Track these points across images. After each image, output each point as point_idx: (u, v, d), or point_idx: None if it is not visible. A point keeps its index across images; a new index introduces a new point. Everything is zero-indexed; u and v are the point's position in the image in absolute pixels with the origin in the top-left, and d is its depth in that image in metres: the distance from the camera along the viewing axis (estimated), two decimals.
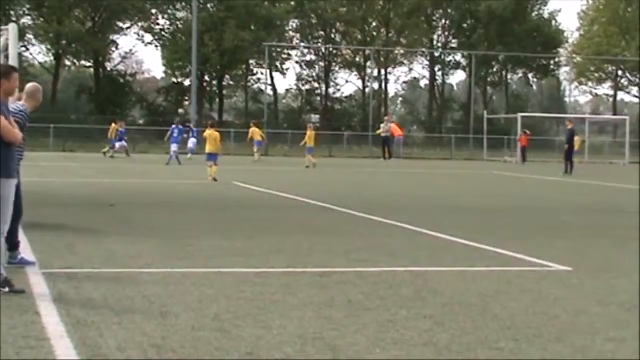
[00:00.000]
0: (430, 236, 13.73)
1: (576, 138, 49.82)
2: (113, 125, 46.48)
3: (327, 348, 6.42)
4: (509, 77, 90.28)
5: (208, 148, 27.83)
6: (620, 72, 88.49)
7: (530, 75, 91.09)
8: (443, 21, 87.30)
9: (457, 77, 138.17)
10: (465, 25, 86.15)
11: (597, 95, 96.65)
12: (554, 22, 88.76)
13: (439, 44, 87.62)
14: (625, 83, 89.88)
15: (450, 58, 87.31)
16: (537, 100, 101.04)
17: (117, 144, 45.41)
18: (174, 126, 42.17)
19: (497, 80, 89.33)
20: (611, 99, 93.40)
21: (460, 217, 17.53)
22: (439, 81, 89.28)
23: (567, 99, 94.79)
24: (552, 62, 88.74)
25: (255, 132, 45.22)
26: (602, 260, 11.46)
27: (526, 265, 10.87)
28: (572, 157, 39.60)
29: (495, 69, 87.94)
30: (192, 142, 45.09)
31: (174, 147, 40.00)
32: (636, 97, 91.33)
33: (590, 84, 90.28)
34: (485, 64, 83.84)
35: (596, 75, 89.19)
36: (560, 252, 11.94)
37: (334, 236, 13.47)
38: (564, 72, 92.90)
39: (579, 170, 40.57)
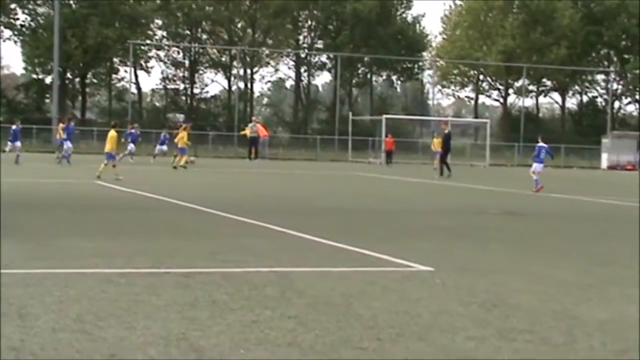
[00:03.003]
0: (295, 237, 13.76)
1: (436, 140, 50.77)
2: (61, 125, 42.68)
3: (190, 349, 6.37)
4: (373, 79, 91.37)
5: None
6: (481, 76, 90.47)
7: (394, 78, 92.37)
8: (309, 22, 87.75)
9: (323, 78, 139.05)
10: (330, 27, 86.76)
11: (459, 98, 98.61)
12: (417, 25, 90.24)
13: (305, 45, 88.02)
14: (486, 87, 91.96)
15: (316, 59, 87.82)
16: (401, 102, 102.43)
17: (130, 147, 41.70)
18: (71, 125, 40.90)
19: (362, 81, 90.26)
20: (473, 102, 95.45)
21: (325, 218, 17.64)
22: (305, 82, 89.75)
23: (430, 102, 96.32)
24: (416, 65, 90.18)
25: (182, 138, 43.37)
26: (463, 260, 11.67)
27: (390, 265, 11.00)
28: (447, 160, 40.18)
29: (360, 71, 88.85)
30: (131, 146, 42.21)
31: (67, 145, 38.94)
32: (496, 100, 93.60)
33: (452, 87, 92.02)
34: (351, 66, 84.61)
35: (458, 78, 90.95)
36: (422, 253, 12.12)
37: (199, 237, 13.38)
38: (427, 75, 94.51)
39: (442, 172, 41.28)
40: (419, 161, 60.51)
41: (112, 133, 28.85)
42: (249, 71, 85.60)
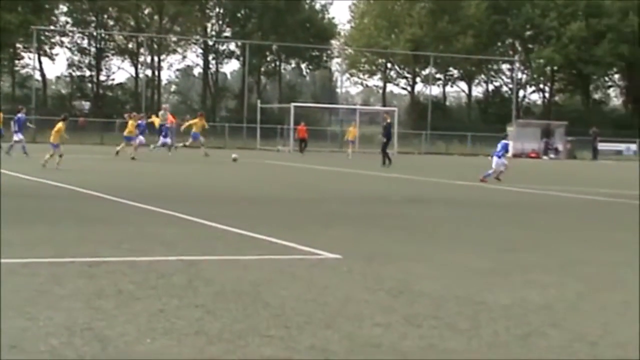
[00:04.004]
0: (203, 225, 13.69)
1: (351, 128, 51.06)
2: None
3: (95, 339, 6.29)
4: (282, 67, 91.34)
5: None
6: (389, 65, 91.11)
7: (303, 66, 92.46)
8: (217, 9, 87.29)
9: (231, 66, 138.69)
10: (239, 15, 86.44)
11: (367, 86, 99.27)
12: (326, 13, 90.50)
13: (213, 33, 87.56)
14: (394, 75, 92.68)
15: (224, 47, 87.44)
16: (309, 90, 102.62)
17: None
18: (20, 115, 38.99)
19: (271, 70, 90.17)
20: (381, 90, 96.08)
21: (233, 206, 17.59)
22: (213, 70, 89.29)
23: (338, 90, 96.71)
24: (324, 53, 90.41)
25: (197, 125, 43.20)
26: (370, 248, 11.74)
27: (298, 253, 11.01)
28: (387, 149, 40.24)
29: (269, 59, 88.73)
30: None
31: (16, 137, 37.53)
32: (404, 89, 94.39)
33: (361, 75, 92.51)
34: (259, 54, 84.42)
35: (367, 67, 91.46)
36: (330, 241, 12.16)
37: (105, 225, 13.22)
38: (336, 63, 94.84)
39: (353, 160, 41.52)
40: (328, 149, 60.75)
41: (60, 125, 29.00)
42: (156, 58, 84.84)
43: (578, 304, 8.29)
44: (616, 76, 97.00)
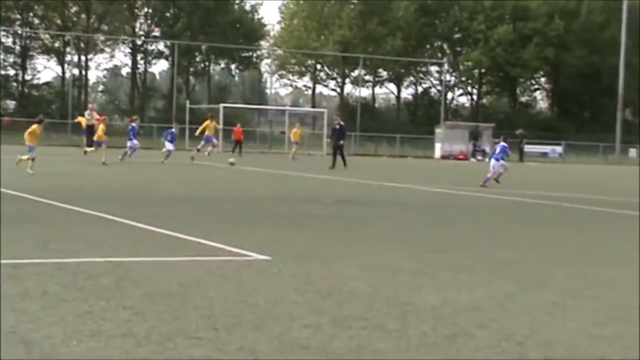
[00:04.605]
0: (131, 226, 13.56)
1: (295, 129, 50.87)
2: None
3: (20, 342, 6.18)
4: (211, 67, 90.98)
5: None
6: (319, 66, 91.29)
7: (232, 66, 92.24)
8: (145, 9, 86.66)
9: (160, 66, 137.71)
10: (168, 14, 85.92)
11: (297, 87, 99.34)
12: (256, 14, 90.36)
13: (141, 32, 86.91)
14: (324, 76, 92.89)
15: (153, 47, 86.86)
16: (239, 91, 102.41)
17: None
18: None
19: (200, 70, 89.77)
20: (310, 92, 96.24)
21: (162, 207, 17.46)
22: (141, 69, 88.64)
23: (268, 91, 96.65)
24: (254, 54, 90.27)
25: (209, 127, 42.57)
26: (299, 249, 11.73)
27: (227, 254, 10.96)
28: (343, 151, 39.87)
29: (198, 59, 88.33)
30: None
31: None
32: (334, 90, 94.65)
33: (290, 76, 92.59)
34: (188, 54, 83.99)
35: (296, 68, 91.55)
36: (260, 242, 12.13)
37: (30, 226, 13.02)
38: (265, 64, 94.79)
39: (293, 162, 41.49)
40: (257, 150, 60.66)
41: (35, 127, 28.68)
42: (83, 58, 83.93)
43: (506, 304, 8.37)
44: (542, 79, 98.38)
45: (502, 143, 30.58)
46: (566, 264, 11.41)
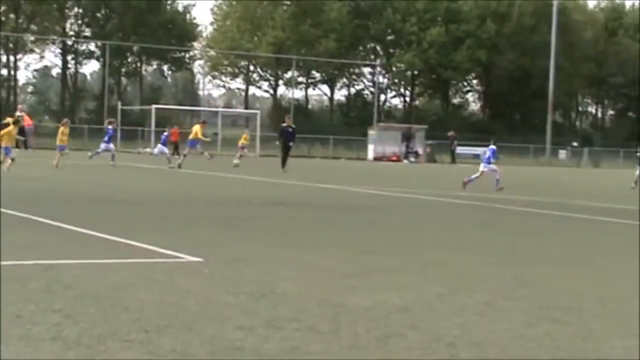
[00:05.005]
0: (61, 228, 13.40)
1: (245, 135, 49.87)
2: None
3: None
4: (143, 68, 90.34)
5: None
6: (252, 67, 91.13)
7: (165, 67, 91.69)
8: (76, 9, 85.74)
9: (91, 67, 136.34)
10: (99, 15, 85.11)
11: (230, 89, 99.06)
12: (188, 15, 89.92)
13: (72, 33, 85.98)
14: (257, 78, 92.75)
15: (84, 47, 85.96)
16: (171, 92, 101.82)
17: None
18: None
19: (132, 71, 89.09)
20: (243, 93, 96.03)
21: (92, 209, 17.29)
22: (72, 70, 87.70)
23: (201, 92, 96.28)
24: (186, 55, 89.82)
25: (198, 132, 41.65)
26: (232, 250, 11.69)
27: (158, 256, 10.88)
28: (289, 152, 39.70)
29: (129, 60, 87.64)
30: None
31: None
32: (267, 91, 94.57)
33: (223, 77, 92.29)
34: (120, 55, 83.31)
35: (229, 69, 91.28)
36: (192, 243, 12.06)
37: None
38: (198, 65, 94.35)
39: (212, 163, 41.34)
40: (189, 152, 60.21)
41: (10, 128, 28.97)
42: (12, 58, 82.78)
43: (437, 305, 8.42)
44: (474, 81, 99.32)
45: (492, 146, 30.69)
46: (497, 265, 11.53)
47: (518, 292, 9.40)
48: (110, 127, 38.83)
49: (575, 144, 79.71)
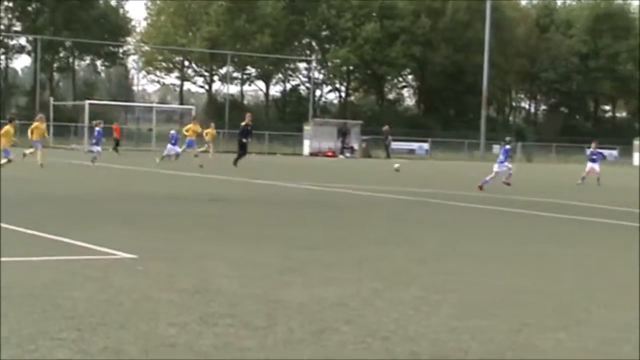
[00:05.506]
0: None
1: (209, 130, 48.89)
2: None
3: None
4: (76, 63, 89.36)
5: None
6: (186, 63, 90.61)
7: (98, 63, 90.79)
8: (6, 3, 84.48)
9: (22, 62, 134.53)
10: (30, 9, 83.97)
11: (164, 84, 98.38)
12: (121, 10, 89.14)
13: (2, 27, 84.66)
14: (192, 73, 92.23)
15: (14, 42, 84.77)
16: (105, 87, 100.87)
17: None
18: None
19: (64, 66, 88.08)
20: (178, 89, 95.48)
21: (24, 206, 17.07)
22: (2, 65, 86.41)
23: (135, 88, 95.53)
24: (120, 50, 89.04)
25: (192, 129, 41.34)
26: (166, 247, 11.62)
27: (92, 254, 10.78)
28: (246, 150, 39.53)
29: (62, 55, 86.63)
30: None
31: None
32: (202, 87, 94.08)
33: (158, 73, 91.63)
34: (52, 49, 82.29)
35: (164, 64, 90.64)
36: (126, 240, 11.97)
37: None
38: (132, 61, 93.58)
39: (147, 159, 41.05)
40: (124, 148, 59.79)
41: (7, 128, 29.21)
42: None
43: (372, 300, 8.45)
44: (409, 77, 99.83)
45: (507, 146, 30.78)
46: (431, 260, 11.60)
47: (451, 286, 9.46)
48: (97, 128, 38.39)
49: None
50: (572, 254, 13.01)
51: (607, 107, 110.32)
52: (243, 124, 40.43)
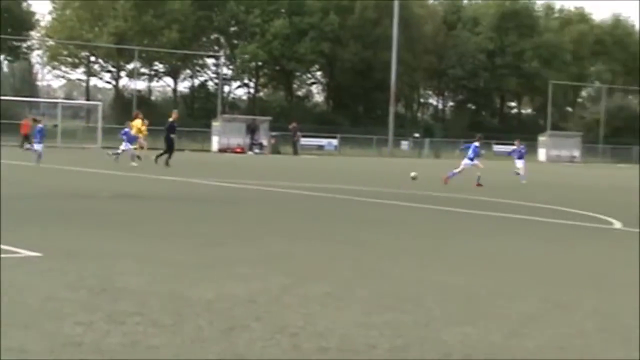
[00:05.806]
0: None
1: (138, 124, 48.00)
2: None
3: None
4: None
5: None
6: (93, 58, 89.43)
7: (1, 57, 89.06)
8: None
9: None
10: None
11: (70, 79, 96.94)
12: (24, 3, 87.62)
13: None
14: (98, 68, 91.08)
15: None
16: (8, 82, 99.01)
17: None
18: None
19: None
20: (84, 84, 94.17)
21: None
22: None
23: (40, 83, 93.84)
24: (23, 44, 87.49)
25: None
26: (72, 245, 11.46)
27: None
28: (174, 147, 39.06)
29: None
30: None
31: None
32: (109, 82, 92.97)
33: (63, 68, 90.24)
34: None
35: (69, 59, 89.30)
36: (30, 238, 11.77)
37: None
38: (36, 55, 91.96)
39: (51, 156, 40.47)
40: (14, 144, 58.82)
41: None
42: None
43: (281, 297, 8.44)
44: (318, 73, 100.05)
45: (475, 143, 30.84)
46: (340, 256, 11.64)
47: (359, 281, 9.51)
48: (41, 125, 37.17)
49: (416, 135, 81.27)
50: (481, 248, 13.17)
51: (513, 104, 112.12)
52: (170, 119, 40.44)
